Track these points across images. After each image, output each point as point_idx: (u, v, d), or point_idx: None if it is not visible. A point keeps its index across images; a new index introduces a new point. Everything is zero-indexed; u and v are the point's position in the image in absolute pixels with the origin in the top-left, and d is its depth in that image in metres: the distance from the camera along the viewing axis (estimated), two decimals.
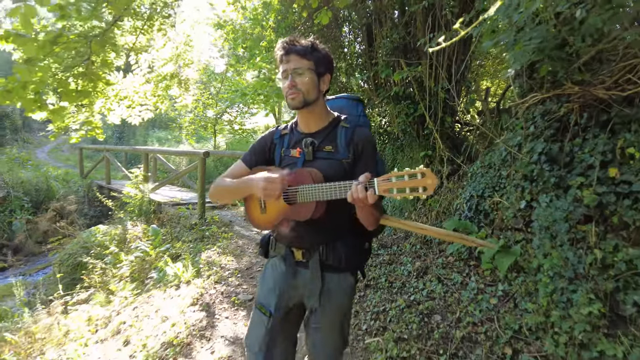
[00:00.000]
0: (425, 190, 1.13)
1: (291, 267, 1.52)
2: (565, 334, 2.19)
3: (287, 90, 1.40)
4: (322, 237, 1.48)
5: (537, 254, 2.63)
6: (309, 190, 1.35)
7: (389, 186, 1.17)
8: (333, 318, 1.51)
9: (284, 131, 1.58)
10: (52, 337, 3.20)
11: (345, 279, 1.53)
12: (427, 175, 1.13)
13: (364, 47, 6.04)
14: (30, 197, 9.55)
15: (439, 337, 2.58)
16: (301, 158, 1.47)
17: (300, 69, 1.39)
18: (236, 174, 1.57)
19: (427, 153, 4.97)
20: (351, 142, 1.45)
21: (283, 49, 1.41)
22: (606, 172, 2.06)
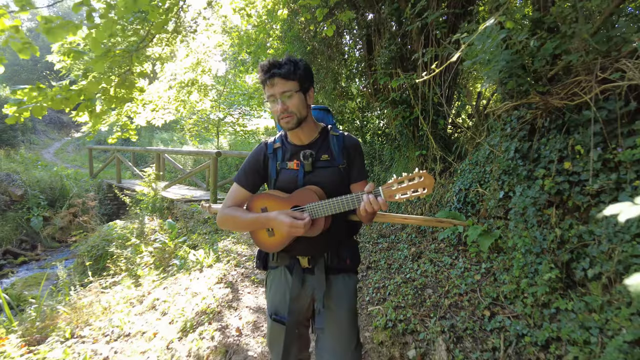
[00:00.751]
0: (425, 190, 1.26)
1: (298, 276, 1.58)
2: (531, 296, 2.69)
3: (280, 115, 1.44)
4: (326, 244, 1.56)
5: (513, 236, 3.13)
6: (317, 207, 1.43)
7: (393, 192, 1.30)
8: (343, 318, 1.55)
9: (276, 145, 1.61)
10: (95, 311, 3.69)
11: (350, 278, 1.62)
12: (424, 177, 1.26)
13: (364, 55, 6.54)
14: (45, 195, 10.01)
15: (430, 304, 3.09)
16: (300, 170, 1.53)
17: (288, 92, 1.43)
18: (239, 201, 1.61)
19: (422, 152, 5.46)
20: (344, 148, 1.55)
21: (266, 74, 1.43)
22: (562, 165, 2.57)
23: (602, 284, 2.25)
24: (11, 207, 9.42)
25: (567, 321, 2.36)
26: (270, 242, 1.57)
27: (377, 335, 2.80)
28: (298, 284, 1.57)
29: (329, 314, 1.54)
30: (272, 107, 1.47)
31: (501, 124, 3.47)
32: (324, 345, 1.54)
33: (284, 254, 1.60)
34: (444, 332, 2.70)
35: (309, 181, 1.51)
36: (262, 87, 1.50)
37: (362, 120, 7.91)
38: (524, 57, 2.30)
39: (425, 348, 2.60)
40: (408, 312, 3.00)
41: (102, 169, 12.05)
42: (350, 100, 7.68)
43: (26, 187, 9.86)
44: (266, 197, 1.56)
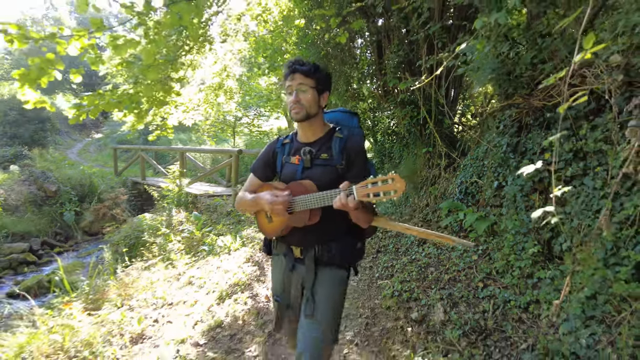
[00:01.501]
0: (395, 193, 1.30)
1: (291, 263, 1.75)
2: (518, 269, 3.14)
3: (292, 105, 1.59)
4: (317, 237, 1.67)
5: (506, 220, 3.58)
6: (303, 200, 1.55)
7: (366, 192, 1.35)
8: (323, 307, 1.65)
9: (285, 141, 1.78)
10: (139, 287, 4.24)
11: (336, 272, 1.72)
12: (396, 180, 1.31)
13: (374, 58, 7.00)
14: (76, 192, 10.70)
15: (431, 279, 3.55)
16: (300, 165, 1.67)
17: (303, 85, 1.58)
18: (252, 188, 1.81)
19: (429, 149, 5.91)
20: (344, 150, 1.63)
21: (289, 68, 1.61)
22: (543, 156, 3.02)
23: (572, 254, 2.69)
24: (46, 202, 10.12)
25: (545, 287, 2.81)
26: (269, 227, 1.75)
27: (386, 302, 3.28)
28: (288, 270, 1.75)
29: (315, 301, 1.66)
30: (287, 98, 1.63)
31: (496, 122, 3.92)
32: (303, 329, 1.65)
33: (282, 244, 1.77)
34: (442, 299, 3.16)
35: (306, 176, 1.64)
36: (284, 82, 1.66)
37: (373, 120, 8.36)
38: (508, 65, 2.75)
39: (426, 311, 3.07)
40: (412, 285, 3.48)
41: (126, 167, 12.72)
42: (361, 101, 8.12)
43: (59, 183, 10.58)
44: (267, 187, 1.73)
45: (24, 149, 13.25)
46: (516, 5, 1.96)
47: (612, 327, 2.10)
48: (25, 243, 8.71)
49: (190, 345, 2.86)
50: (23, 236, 8.99)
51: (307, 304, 1.66)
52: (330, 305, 1.66)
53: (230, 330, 2.99)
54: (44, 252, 8.91)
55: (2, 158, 12.30)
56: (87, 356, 2.94)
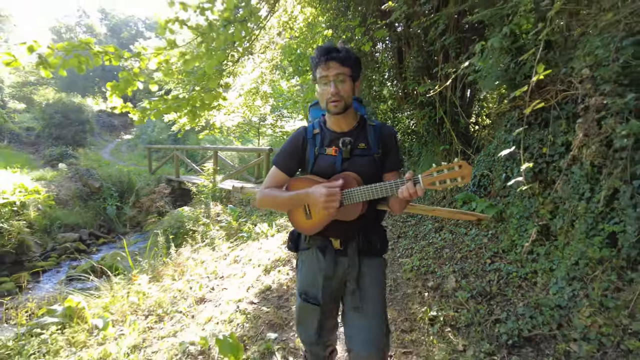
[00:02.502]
0: (463, 179, 1.27)
1: (331, 257, 1.64)
2: (520, 248, 3.67)
3: (330, 97, 1.49)
4: (359, 228, 1.62)
5: (511, 206, 4.10)
6: (356, 193, 1.48)
7: (432, 180, 1.32)
8: (375, 302, 1.60)
9: (315, 130, 1.66)
10: (190, 264, 4.93)
11: (380, 262, 1.71)
12: (463, 166, 1.27)
13: (395, 63, 7.55)
14: (116, 188, 11.61)
15: (446, 257, 4.11)
16: (338, 156, 1.58)
17: (341, 75, 1.48)
18: (278, 183, 1.69)
19: (446, 147, 6.42)
20: (380, 138, 1.60)
21: (324, 55, 1.48)
22: (542, 150, 3.54)
23: (564, 231, 3.21)
24: (91, 197, 11.06)
25: (541, 259, 3.33)
26: (307, 224, 1.63)
27: (406, 274, 3.86)
28: (331, 264, 1.64)
29: (362, 293, 1.60)
30: (323, 89, 1.51)
31: (504, 121, 4.44)
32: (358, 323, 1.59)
33: (317, 236, 1.66)
34: (454, 272, 3.72)
35: (347, 168, 1.56)
36: (313, 70, 1.55)
37: (394, 120, 8.90)
38: (510, 74, 3.29)
39: (440, 281, 3.63)
40: (429, 262, 4.04)
41: (160, 165, 13.61)
42: (382, 102, 8.67)
43: (101, 180, 11.51)
44: (307, 181, 1.61)
45: (68, 149, 14.32)
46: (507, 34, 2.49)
47: (587, 283, 2.63)
48: (75, 234, 9.63)
49: (246, 303, 3.51)
50: (73, 227, 9.91)
51: (354, 296, 1.60)
52: (381, 297, 1.62)
53: (278, 293, 3.63)
54: (91, 242, 9.80)
55: (50, 157, 13.38)
56: (160, 313, 3.62)
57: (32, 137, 15.83)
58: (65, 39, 34.33)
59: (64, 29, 34.45)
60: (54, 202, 9.82)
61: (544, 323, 2.62)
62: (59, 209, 9.99)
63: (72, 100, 16.97)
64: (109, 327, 3.27)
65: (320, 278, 1.64)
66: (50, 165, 12.54)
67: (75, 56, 3.21)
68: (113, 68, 30.98)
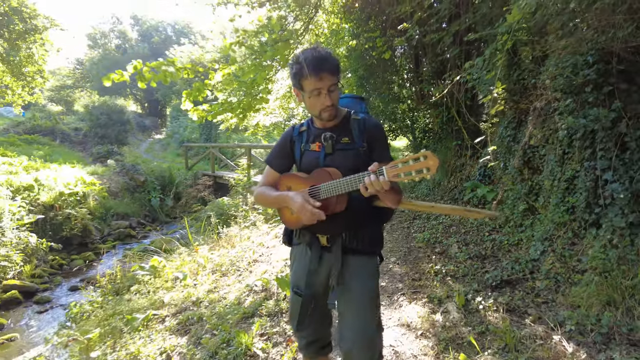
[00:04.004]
0: (428, 171, 1.22)
1: (317, 252, 1.65)
2: (513, 222, 4.49)
3: (325, 108, 1.51)
4: (344, 224, 1.60)
5: (507, 191, 4.93)
6: (328, 187, 1.48)
7: (397, 172, 1.28)
8: (360, 299, 1.59)
9: (302, 128, 1.70)
10: (238, 239, 5.93)
11: (368, 261, 1.67)
12: (428, 157, 1.22)
13: (412, 67, 8.39)
14: (158, 182, 12.83)
15: (452, 232, 4.96)
16: (322, 151, 1.60)
17: (333, 86, 1.49)
18: (270, 181, 1.74)
19: (458, 142, 7.24)
20: (364, 131, 1.59)
21: (316, 66, 1.45)
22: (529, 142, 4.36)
23: (544, 206, 4.03)
24: (137, 190, 12.30)
25: (527, 229, 4.16)
26: (292, 219, 1.64)
27: (418, 243, 4.74)
28: (315, 260, 1.65)
29: (345, 292, 1.61)
30: (315, 99, 1.51)
31: (504, 120, 5.26)
32: (344, 322, 1.62)
33: (305, 232, 1.68)
34: (457, 242, 4.58)
35: (329, 162, 1.58)
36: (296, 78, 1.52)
37: (412, 119, 9.72)
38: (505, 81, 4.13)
39: (445, 248, 4.50)
40: (438, 235, 4.91)
41: (196, 162, 14.81)
42: (401, 103, 9.50)
43: (146, 175, 12.75)
44: (291, 177, 1.68)
45: (113, 147, 15.73)
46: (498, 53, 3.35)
47: (554, 241, 3.47)
48: (126, 221, 10.84)
49: None
50: (123, 216, 11.14)
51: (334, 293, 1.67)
52: (368, 296, 1.61)
53: None
54: (139, 229, 11.01)
55: (97, 154, 14.77)
56: (223, 271, 4.63)
57: (80, 137, 17.37)
58: (99, 45, 36.41)
59: (98, 35, 36.42)
60: (106, 193, 11.07)
61: (519, 270, 3.47)
62: (111, 199, 11.24)
63: (115, 102, 18.46)
64: (187, 279, 4.30)
65: (305, 272, 1.67)
66: (99, 162, 13.89)
67: (162, 71, 4.23)
68: None
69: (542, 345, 2.48)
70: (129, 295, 4.14)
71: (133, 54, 34.43)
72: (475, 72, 4.10)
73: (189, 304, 3.70)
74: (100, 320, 3.59)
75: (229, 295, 3.78)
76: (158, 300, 3.81)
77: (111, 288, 4.96)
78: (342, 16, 8.73)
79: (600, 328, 2.46)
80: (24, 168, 10.38)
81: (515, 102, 4.38)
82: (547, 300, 3.01)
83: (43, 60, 12.20)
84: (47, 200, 8.99)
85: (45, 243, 7.81)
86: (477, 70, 3.98)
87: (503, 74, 4.33)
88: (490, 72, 3.37)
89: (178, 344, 2.94)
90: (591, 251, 2.97)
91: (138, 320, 3.36)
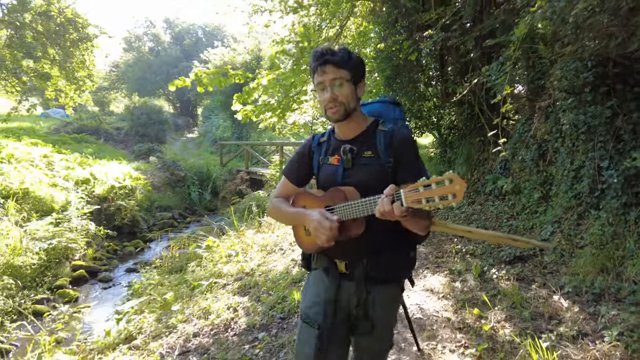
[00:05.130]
0: (454, 197, 1.06)
1: (335, 280, 1.50)
2: (528, 209, 4.95)
3: (327, 104, 1.39)
4: (364, 250, 1.45)
5: (524, 182, 5.37)
6: (344, 209, 1.34)
7: (417, 197, 1.11)
8: (380, 327, 1.50)
9: (322, 139, 1.58)
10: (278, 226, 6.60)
11: (390, 290, 1.53)
12: (454, 180, 1.06)
13: (438, 67, 8.84)
14: (197, 177, 13.75)
15: (473, 219, 5.46)
16: (340, 165, 1.46)
17: (338, 79, 1.37)
18: (286, 194, 1.63)
19: (481, 139, 7.65)
20: (390, 145, 1.41)
21: (318, 60, 1.38)
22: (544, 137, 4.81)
23: (556, 194, 4.48)
24: (177, 185, 13.26)
25: (541, 215, 4.63)
26: (307, 241, 1.53)
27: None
28: (333, 288, 1.50)
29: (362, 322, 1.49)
30: (320, 95, 1.42)
31: (521, 116, 5.70)
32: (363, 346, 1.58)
33: (323, 256, 1.55)
34: (478, 227, 5.08)
35: (348, 178, 1.44)
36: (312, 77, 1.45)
37: (437, 116, 10.15)
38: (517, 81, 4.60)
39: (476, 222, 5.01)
40: (460, 222, 5.42)
41: (230, 159, 15.69)
42: (427, 101, 9.94)
43: (185, 171, 13.69)
44: (305, 197, 1.57)
45: (154, 145, 16.83)
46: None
47: (561, 223, 3.94)
48: (169, 213, 11.77)
49: None
50: (165, 208, 12.08)
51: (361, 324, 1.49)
52: (387, 326, 1.55)
53: None
54: (180, 220, 11.91)
55: (139, 152, 15.87)
56: (268, 250, 5.30)
57: (122, 136, 18.60)
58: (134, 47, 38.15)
59: (133, 39, 38.15)
60: (150, 187, 12.03)
61: (531, 249, 3.97)
62: (155, 193, 12.20)
63: (155, 103, 19.65)
64: (239, 255, 4.99)
65: (322, 300, 1.50)
66: (140, 159, 14.95)
67: (217, 77, 4.92)
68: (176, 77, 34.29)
69: (543, 303, 3.00)
70: (191, 268, 4.86)
71: (166, 56, 35.97)
72: (493, 74, 4.60)
73: (243, 275, 4.38)
74: (172, 287, 4.32)
75: (277, 267, 4.44)
76: (217, 271, 4.51)
77: (166, 267, 5.73)
78: (370, 20, 9.26)
79: (593, 289, 2.96)
80: (78, 164, 11.45)
81: (531, 101, 4.83)
82: (552, 271, 3.51)
83: (93, 65, 13.29)
84: (101, 193, 9.96)
85: (103, 230, 8.73)
86: (495, 72, 4.48)
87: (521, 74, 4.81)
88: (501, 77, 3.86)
89: (241, 301, 3.61)
90: (592, 229, 3.44)
91: (203, 285, 4.06)
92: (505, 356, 2.49)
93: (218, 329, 3.17)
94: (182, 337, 3.11)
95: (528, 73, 4.93)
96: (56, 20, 11.98)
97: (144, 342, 3.15)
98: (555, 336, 2.55)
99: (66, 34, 12.13)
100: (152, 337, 3.22)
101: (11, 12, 10.78)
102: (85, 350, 3.13)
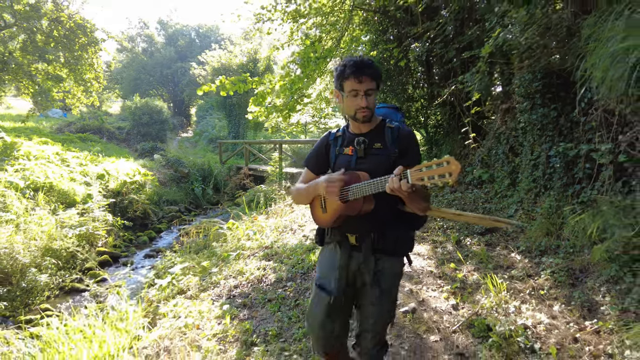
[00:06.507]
0: (450, 176, 1.28)
1: (347, 251, 1.78)
2: (500, 194, 5.91)
3: (360, 109, 1.65)
4: (372, 225, 1.73)
5: (498, 171, 6.34)
6: (357, 188, 1.60)
7: (420, 175, 1.35)
8: (384, 297, 1.74)
9: (337, 134, 1.85)
10: (284, 213, 7.48)
11: (395, 263, 1.80)
12: (451, 162, 1.29)
13: (424, 71, 9.80)
14: (200, 174, 14.54)
15: (455, 204, 6.41)
16: (354, 155, 1.74)
17: (371, 90, 1.63)
18: (307, 180, 1.89)
19: (462, 135, 8.63)
20: (397, 139, 1.70)
21: (358, 70, 1.60)
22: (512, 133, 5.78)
23: (521, 181, 5.45)
24: (181, 181, 14.03)
25: (509, 199, 5.59)
26: (323, 217, 1.80)
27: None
28: (345, 257, 1.77)
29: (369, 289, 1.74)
30: (352, 100, 1.66)
31: (497, 117, 6.68)
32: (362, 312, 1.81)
33: (336, 231, 1.82)
34: (457, 209, 6.03)
35: (360, 165, 1.71)
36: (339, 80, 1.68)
37: (424, 116, 11.11)
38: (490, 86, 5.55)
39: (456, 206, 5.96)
40: (442, 206, 6.37)
41: (230, 157, 16.48)
42: (415, 102, 10.89)
43: (188, 167, 14.46)
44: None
45: (156, 143, 17.56)
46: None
47: (523, 202, 4.91)
48: (175, 207, 12.55)
49: None
50: (172, 202, 12.84)
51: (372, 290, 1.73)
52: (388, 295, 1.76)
53: None
54: (186, 214, 12.70)
55: (142, 150, 16.59)
56: (280, 230, 6.17)
57: (123, 135, 19.27)
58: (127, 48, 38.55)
59: (127, 40, 38.53)
60: (157, 183, 12.79)
61: None
62: (161, 188, 12.97)
63: (156, 103, 20.36)
64: (257, 234, 5.87)
65: (335, 269, 1.77)
66: (145, 157, 15.67)
67: (238, 83, 5.78)
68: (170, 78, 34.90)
69: (503, 258, 3.95)
70: (217, 245, 5.72)
71: (160, 57, 36.47)
72: (469, 81, 5.55)
73: (264, 248, 5.26)
74: (204, 259, 5.18)
75: (291, 242, 5.34)
76: (241, 246, 5.38)
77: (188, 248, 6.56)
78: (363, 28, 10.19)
79: (540, 247, 3.92)
80: (89, 160, 12.16)
81: (502, 103, 5.81)
82: (514, 237, 4.47)
83: (100, 67, 13.99)
84: (115, 187, 10.73)
85: (120, 221, 9.51)
86: (469, 79, 5.44)
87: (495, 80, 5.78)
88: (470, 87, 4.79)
89: (267, 264, 4.50)
90: (543, 205, 4.40)
91: (232, 255, 4.93)
92: (472, 291, 3.43)
93: (253, 282, 4.05)
94: (226, 288, 3.99)
95: (501, 79, 5.90)
96: (66, 26, 12.68)
97: (195, 294, 4.02)
98: (507, 276, 3.50)
99: (76, 38, 12.82)
100: (200, 290, 4.09)
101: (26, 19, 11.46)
102: (149, 300, 3.98)
